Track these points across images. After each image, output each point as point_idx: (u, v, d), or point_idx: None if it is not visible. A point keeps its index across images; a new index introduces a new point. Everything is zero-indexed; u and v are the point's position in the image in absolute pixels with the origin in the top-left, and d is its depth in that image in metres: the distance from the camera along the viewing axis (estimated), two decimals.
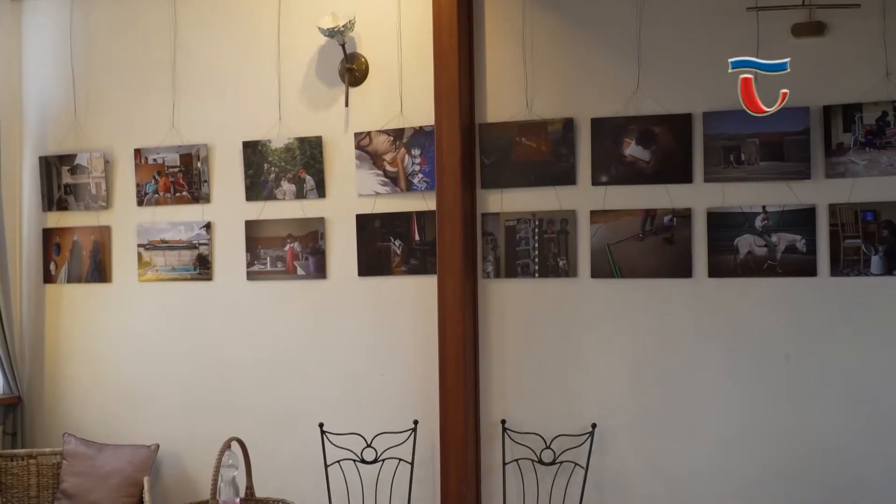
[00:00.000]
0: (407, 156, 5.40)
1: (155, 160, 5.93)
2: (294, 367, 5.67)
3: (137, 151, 5.97)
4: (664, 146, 4.98)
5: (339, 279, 5.58)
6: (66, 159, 6.13)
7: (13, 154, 6.22)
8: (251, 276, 5.73)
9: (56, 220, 6.20)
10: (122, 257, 6.05)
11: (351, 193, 5.53)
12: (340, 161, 5.56)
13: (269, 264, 5.70)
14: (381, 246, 5.47)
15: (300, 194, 5.62)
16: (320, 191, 5.59)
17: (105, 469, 5.64)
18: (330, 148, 5.57)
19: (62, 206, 6.16)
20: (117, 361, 6.07)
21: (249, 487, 5.12)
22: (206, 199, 5.85)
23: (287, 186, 5.64)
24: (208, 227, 5.84)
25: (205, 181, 5.84)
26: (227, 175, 5.81)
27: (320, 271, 5.60)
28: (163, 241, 5.93)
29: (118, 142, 6.05)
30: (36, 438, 6.13)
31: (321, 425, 5.35)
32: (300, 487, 5.38)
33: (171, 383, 5.94)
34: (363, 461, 5.30)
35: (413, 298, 5.39)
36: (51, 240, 6.20)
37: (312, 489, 5.38)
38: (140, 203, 5.98)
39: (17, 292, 6.23)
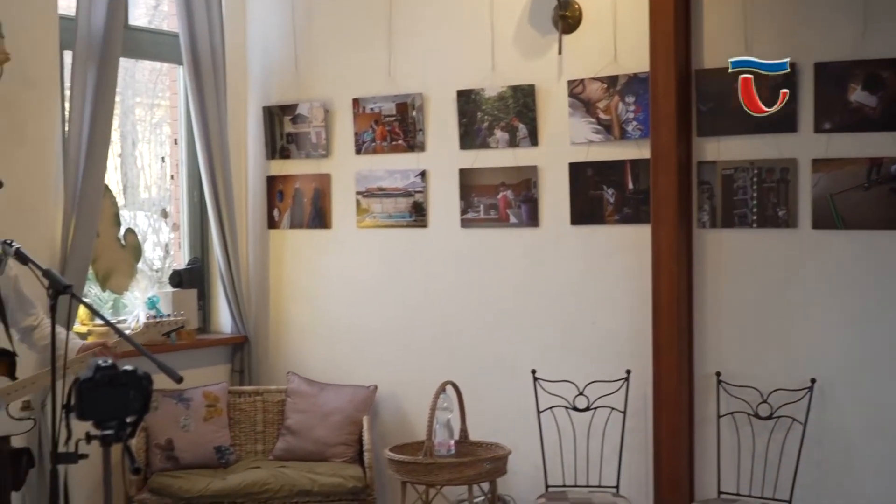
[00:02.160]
0: (621, 103, 5.33)
1: (372, 109, 6.07)
2: (506, 313, 5.73)
3: (355, 101, 6.11)
4: (893, 92, 4.72)
5: (552, 227, 5.59)
6: (288, 109, 6.34)
7: (239, 105, 6.48)
8: (465, 223, 5.82)
9: (279, 168, 6.44)
10: (342, 204, 6.24)
11: (563, 142, 5.51)
12: (553, 109, 5.54)
13: (482, 212, 5.76)
14: (594, 194, 5.44)
15: (513, 143, 5.64)
16: (533, 139, 5.59)
17: (327, 408, 5.87)
18: (542, 96, 5.56)
19: (284, 154, 6.39)
20: (337, 304, 6.29)
21: (463, 430, 5.27)
22: (422, 147, 5.95)
23: (500, 135, 5.67)
24: (423, 175, 5.95)
25: (420, 130, 5.94)
26: (441, 124, 5.88)
27: (533, 219, 5.62)
28: (380, 189, 6.08)
29: (337, 92, 6.21)
30: (261, 376, 6.43)
31: (533, 372, 5.41)
32: (512, 432, 5.46)
33: (388, 326, 6.11)
34: (575, 409, 5.34)
35: (626, 248, 5.35)
36: (274, 187, 6.45)
37: (524, 434, 5.46)
38: (358, 151, 6.14)
39: (244, 238, 6.52)
